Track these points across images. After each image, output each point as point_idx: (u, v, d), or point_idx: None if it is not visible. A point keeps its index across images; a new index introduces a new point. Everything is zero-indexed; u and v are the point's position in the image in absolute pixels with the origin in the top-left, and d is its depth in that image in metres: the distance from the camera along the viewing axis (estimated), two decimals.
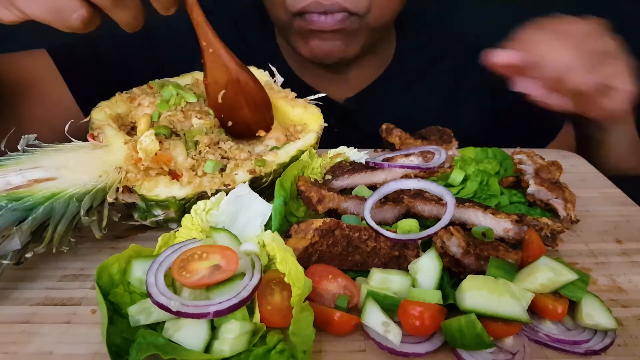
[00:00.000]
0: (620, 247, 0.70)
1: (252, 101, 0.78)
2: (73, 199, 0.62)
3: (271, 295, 0.55)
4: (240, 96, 0.77)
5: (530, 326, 0.54)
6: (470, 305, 0.52)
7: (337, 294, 0.57)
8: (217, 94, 0.76)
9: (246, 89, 0.77)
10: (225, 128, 0.79)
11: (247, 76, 0.77)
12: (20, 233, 0.57)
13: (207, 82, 0.76)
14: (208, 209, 0.64)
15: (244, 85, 0.76)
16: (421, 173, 0.77)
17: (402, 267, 0.61)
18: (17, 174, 0.62)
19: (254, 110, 0.79)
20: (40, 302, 0.59)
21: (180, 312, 0.49)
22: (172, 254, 0.56)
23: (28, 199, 0.60)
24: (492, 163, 0.82)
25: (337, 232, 0.61)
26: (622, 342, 0.54)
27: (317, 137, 0.80)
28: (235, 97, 0.76)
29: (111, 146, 0.70)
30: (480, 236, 0.64)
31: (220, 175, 0.70)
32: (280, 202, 0.65)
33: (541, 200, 0.74)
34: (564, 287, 0.55)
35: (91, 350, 0.52)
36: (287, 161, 0.74)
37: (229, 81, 0.75)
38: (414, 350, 0.52)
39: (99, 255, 0.67)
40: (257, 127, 0.80)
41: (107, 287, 0.55)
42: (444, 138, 0.88)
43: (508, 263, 0.57)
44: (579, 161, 0.97)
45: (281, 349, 0.50)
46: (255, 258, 0.56)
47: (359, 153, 0.84)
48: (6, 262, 0.57)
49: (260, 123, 0.80)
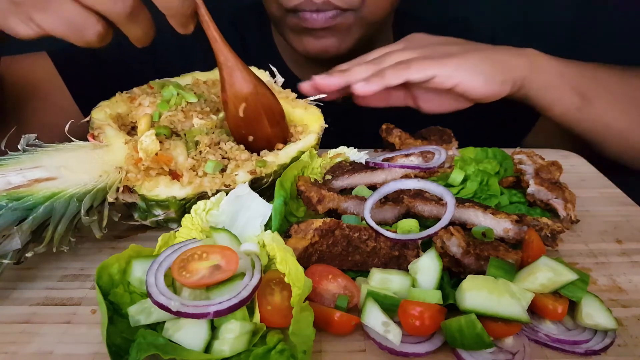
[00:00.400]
0: (620, 247, 0.70)
1: (270, 113, 0.77)
2: (73, 199, 0.62)
3: (271, 295, 0.55)
4: (259, 108, 0.76)
5: (530, 326, 0.54)
6: (470, 305, 0.52)
7: (337, 294, 0.57)
8: (238, 107, 0.74)
9: (264, 101, 0.76)
10: (245, 144, 0.77)
11: (264, 88, 0.76)
12: (20, 233, 0.57)
13: (226, 98, 0.74)
14: (208, 209, 0.64)
15: (262, 97, 0.75)
16: (421, 173, 0.77)
17: (402, 267, 0.61)
18: (17, 173, 0.62)
19: (274, 123, 0.77)
20: (40, 302, 0.59)
21: (180, 312, 0.49)
22: (172, 254, 0.56)
23: (28, 199, 0.60)
24: (492, 163, 0.82)
25: (337, 232, 0.61)
26: (622, 342, 0.54)
27: (318, 137, 0.80)
28: (255, 110, 0.75)
29: (111, 146, 0.70)
30: (480, 236, 0.64)
31: (221, 176, 0.70)
32: (280, 202, 0.65)
33: (541, 200, 0.74)
34: (564, 287, 0.55)
35: (91, 350, 0.52)
36: (288, 162, 0.74)
37: (250, 94, 0.74)
38: (414, 350, 0.52)
39: (99, 255, 0.67)
40: (277, 139, 0.79)
41: (107, 287, 0.55)
42: (444, 138, 0.88)
43: (508, 263, 0.57)
44: (579, 161, 0.97)
45: (281, 349, 0.50)
46: (255, 258, 0.56)
47: (359, 153, 0.84)
48: (6, 261, 0.57)
49: (279, 135, 0.79)
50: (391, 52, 0.90)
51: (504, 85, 0.88)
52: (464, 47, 0.90)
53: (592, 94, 0.94)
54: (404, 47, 0.92)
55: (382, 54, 0.90)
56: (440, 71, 0.84)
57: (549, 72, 0.92)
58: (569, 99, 0.94)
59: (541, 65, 0.92)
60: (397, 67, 0.84)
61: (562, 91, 0.93)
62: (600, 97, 0.95)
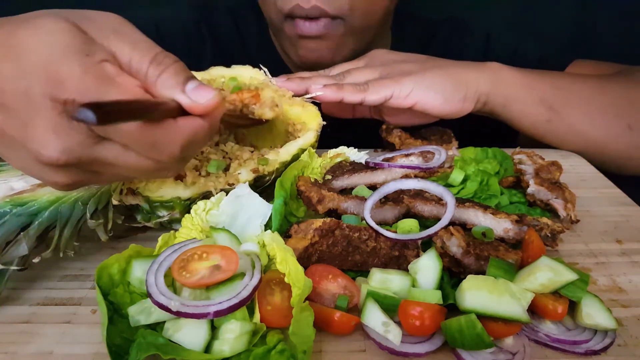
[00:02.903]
0: (620, 247, 0.70)
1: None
2: (78, 203, 0.62)
3: (271, 295, 0.55)
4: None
5: (530, 326, 0.54)
6: (470, 305, 0.52)
7: (337, 294, 0.57)
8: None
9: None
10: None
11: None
12: (27, 238, 0.57)
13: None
14: (208, 209, 0.64)
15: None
16: (421, 173, 0.77)
17: (402, 267, 0.61)
18: (19, 178, 0.62)
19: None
20: (40, 302, 0.59)
21: (180, 312, 0.49)
22: (172, 254, 0.56)
23: (33, 204, 0.60)
24: (492, 163, 0.82)
25: (337, 232, 0.61)
26: (622, 342, 0.54)
27: (317, 135, 0.80)
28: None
29: None
30: (480, 236, 0.64)
31: (224, 175, 0.70)
32: (280, 202, 0.65)
33: (541, 200, 0.74)
34: (564, 287, 0.55)
35: (91, 350, 0.52)
36: (289, 159, 0.74)
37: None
38: (414, 350, 0.52)
39: (99, 255, 0.67)
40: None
41: (107, 287, 0.55)
42: (444, 138, 0.88)
43: (508, 263, 0.57)
44: (579, 161, 0.97)
45: (281, 349, 0.50)
46: (255, 258, 0.56)
47: (359, 153, 0.84)
48: (13, 267, 0.57)
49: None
50: (352, 70, 0.90)
51: (467, 102, 0.89)
52: (424, 65, 0.90)
53: (563, 105, 0.93)
54: (365, 64, 0.93)
55: (343, 71, 0.90)
56: (397, 91, 0.84)
57: (514, 85, 0.91)
58: (536, 111, 0.93)
59: (505, 78, 0.91)
60: (355, 88, 0.84)
61: (528, 104, 0.92)
62: (574, 108, 0.94)
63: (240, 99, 0.70)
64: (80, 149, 0.47)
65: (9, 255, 0.56)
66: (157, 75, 0.50)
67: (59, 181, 0.50)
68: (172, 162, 0.50)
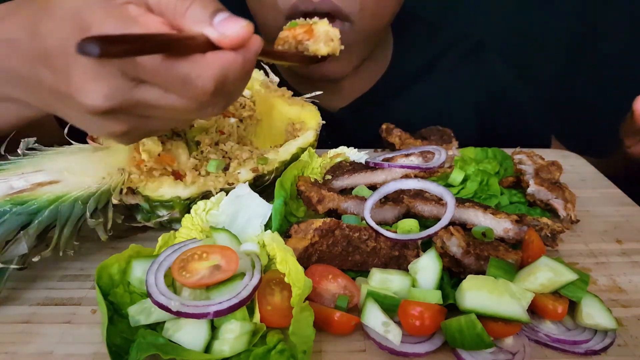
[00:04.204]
0: (620, 247, 0.70)
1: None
2: (78, 202, 0.62)
3: (271, 295, 0.55)
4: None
5: (530, 326, 0.54)
6: (470, 305, 0.52)
7: (337, 294, 0.57)
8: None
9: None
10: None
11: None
12: (27, 237, 0.57)
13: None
14: (208, 209, 0.64)
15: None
16: (421, 173, 0.77)
17: (402, 267, 0.61)
18: (19, 177, 0.62)
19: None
20: (40, 302, 0.59)
21: (180, 312, 0.49)
22: (172, 254, 0.56)
23: (32, 203, 0.60)
24: (492, 163, 0.82)
25: (337, 232, 0.61)
26: (622, 342, 0.54)
27: (316, 134, 0.80)
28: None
29: (112, 148, 0.70)
30: (480, 236, 0.64)
31: (224, 174, 0.70)
32: (280, 202, 0.65)
33: (541, 200, 0.74)
34: (564, 287, 0.55)
35: (91, 350, 0.52)
36: (289, 159, 0.74)
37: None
38: (414, 350, 0.52)
39: (99, 255, 0.67)
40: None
41: (107, 287, 0.55)
42: (444, 138, 0.88)
43: (508, 263, 0.57)
44: (579, 161, 0.97)
45: (281, 349, 0.50)
46: (255, 258, 0.56)
47: (359, 153, 0.84)
48: (12, 266, 0.57)
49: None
50: None
51: None
52: None
53: None
54: None
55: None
56: None
57: None
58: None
59: None
60: None
61: None
62: None
63: (293, 35, 0.67)
64: (121, 93, 0.48)
65: (8, 254, 0.57)
66: (186, 8, 0.48)
67: (115, 130, 0.51)
68: (209, 99, 0.49)
